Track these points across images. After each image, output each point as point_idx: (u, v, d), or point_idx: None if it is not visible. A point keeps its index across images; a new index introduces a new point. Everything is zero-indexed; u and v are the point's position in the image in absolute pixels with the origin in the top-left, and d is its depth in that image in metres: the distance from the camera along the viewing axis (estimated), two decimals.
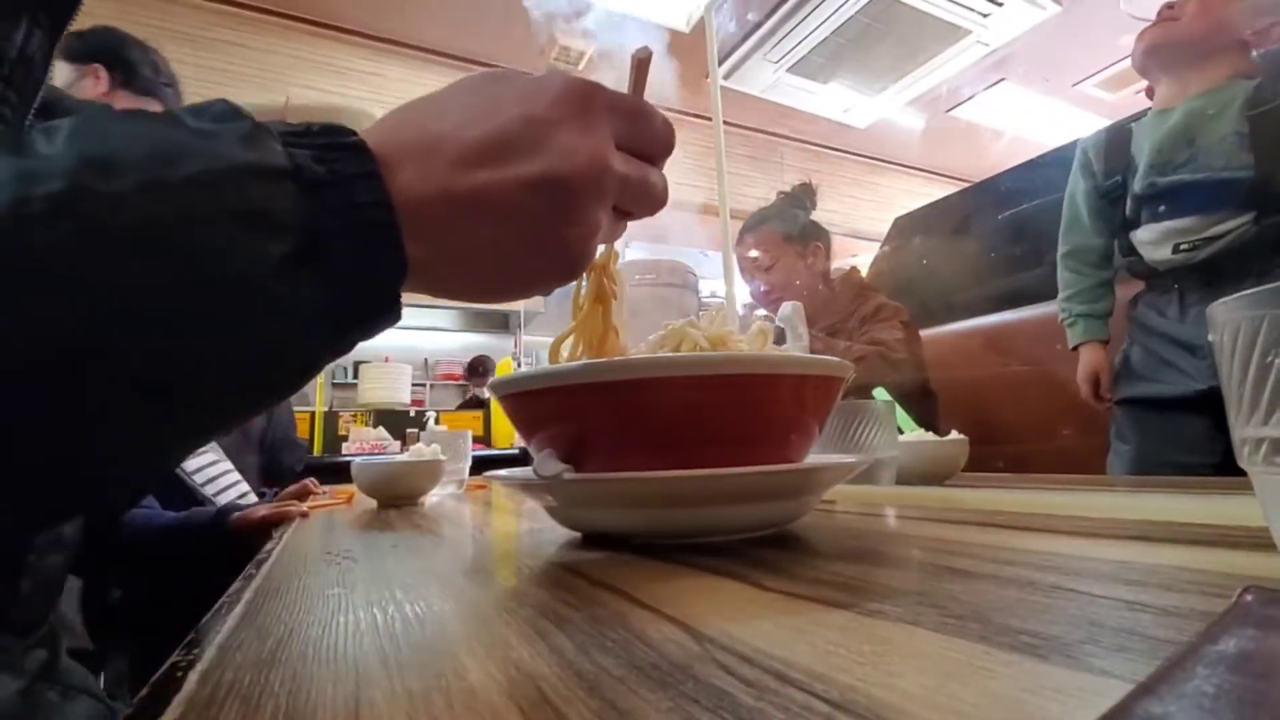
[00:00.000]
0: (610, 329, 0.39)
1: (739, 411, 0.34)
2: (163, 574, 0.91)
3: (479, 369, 3.82)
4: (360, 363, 2.99)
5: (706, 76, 1.25)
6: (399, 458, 0.81)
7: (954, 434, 0.73)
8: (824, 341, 1.16)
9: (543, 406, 0.37)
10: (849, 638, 0.18)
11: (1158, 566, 0.25)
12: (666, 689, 0.15)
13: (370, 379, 2.62)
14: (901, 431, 0.72)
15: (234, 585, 0.33)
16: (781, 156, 4.18)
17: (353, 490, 0.95)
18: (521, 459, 2.19)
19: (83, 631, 0.68)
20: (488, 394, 3.81)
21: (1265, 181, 0.91)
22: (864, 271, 1.68)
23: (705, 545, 0.34)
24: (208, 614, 0.27)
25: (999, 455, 1.14)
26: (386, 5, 3.04)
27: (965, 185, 2.08)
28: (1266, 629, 0.13)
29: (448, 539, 0.48)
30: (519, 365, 3.61)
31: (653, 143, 0.27)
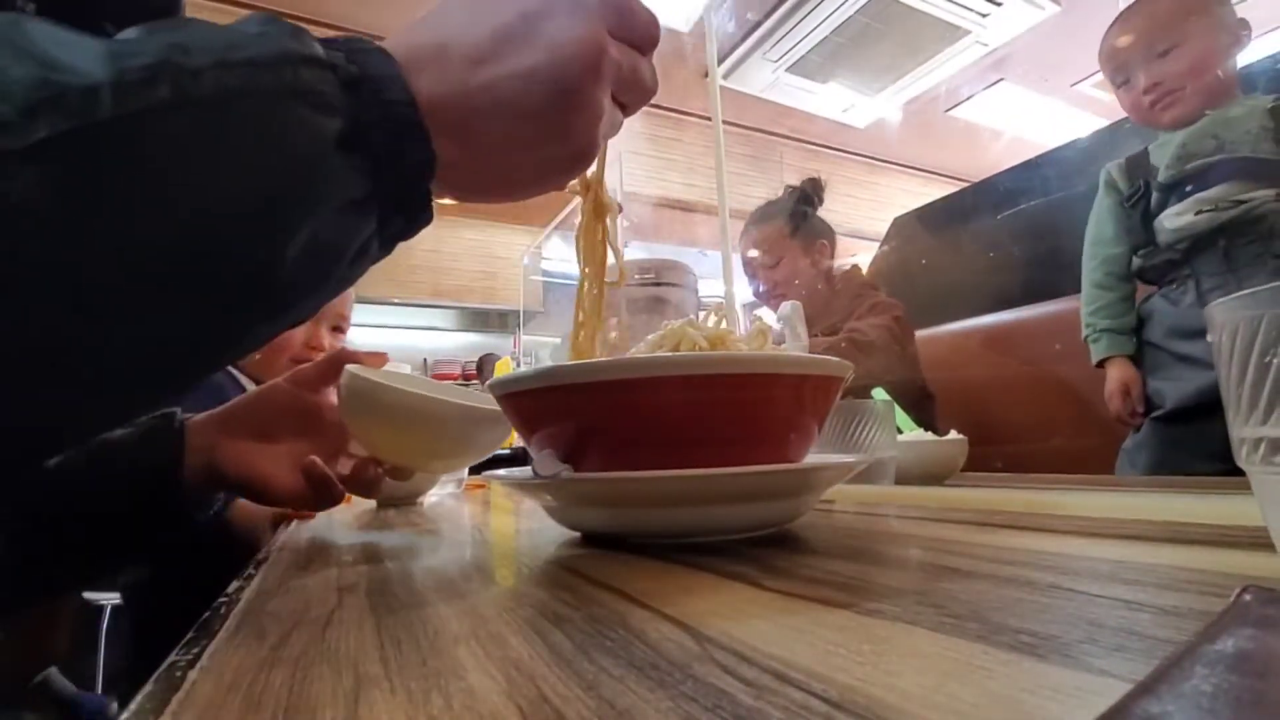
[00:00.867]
0: (608, 249, 0.41)
1: (738, 411, 0.34)
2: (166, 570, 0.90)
3: (485, 368, 3.82)
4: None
5: (706, 76, 1.25)
6: None
7: (953, 434, 0.73)
8: (811, 341, 1.16)
9: (541, 406, 0.37)
10: (848, 637, 0.18)
11: (1156, 566, 0.25)
12: (665, 688, 0.15)
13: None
14: (901, 431, 0.72)
15: (233, 585, 0.33)
16: (781, 156, 4.18)
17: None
18: (520, 459, 2.19)
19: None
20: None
21: None
22: (863, 270, 1.68)
23: (704, 545, 0.34)
24: (207, 612, 0.27)
25: (998, 455, 1.14)
26: (384, 5, 3.04)
27: (964, 185, 2.08)
28: (1265, 628, 0.13)
29: (447, 538, 0.48)
30: (518, 365, 3.61)
31: (640, 33, 0.29)
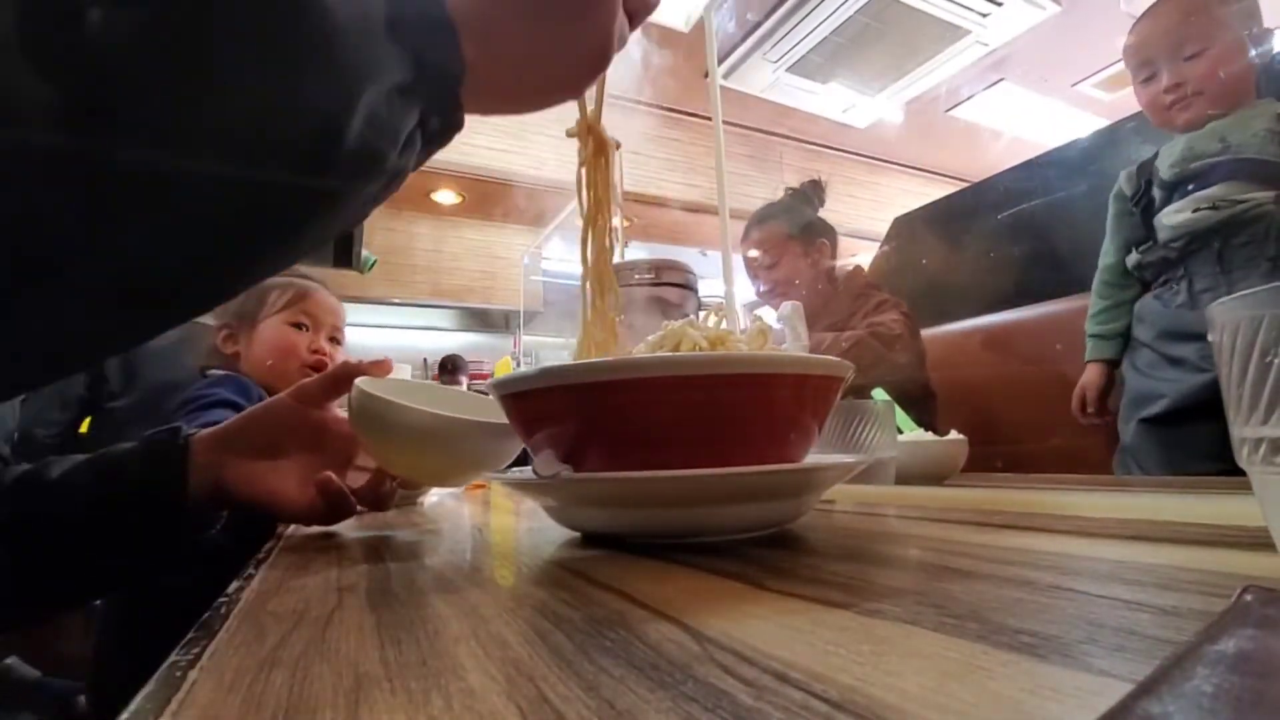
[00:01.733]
0: (611, 185, 0.44)
1: (738, 411, 0.34)
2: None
3: (449, 367, 3.74)
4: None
5: (706, 76, 1.25)
6: None
7: (953, 434, 0.73)
8: (813, 338, 1.15)
9: (542, 406, 0.37)
10: (848, 637, 0.18)
11: (1157, 566, 0.25)
12: (666, 689, 0.15)
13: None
14: (901, 431, 0.72)
15: (233, 585, 0.33)
16: (781, 156, 4.18)
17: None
18: (520, 459, 2.19)
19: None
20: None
21: None
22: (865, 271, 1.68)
23: (704, 545, 0.34)
24: (207, 612, 0.27)
25: (998, 455, 1.13)
26: None
27: (964, 185, 2.08)
28: (1266, 629, 0.13)
29: (447, 538, 0.48)
30: (518, 365, 3.60)
31: None
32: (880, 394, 0.76)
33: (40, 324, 0.19)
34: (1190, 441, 0.96)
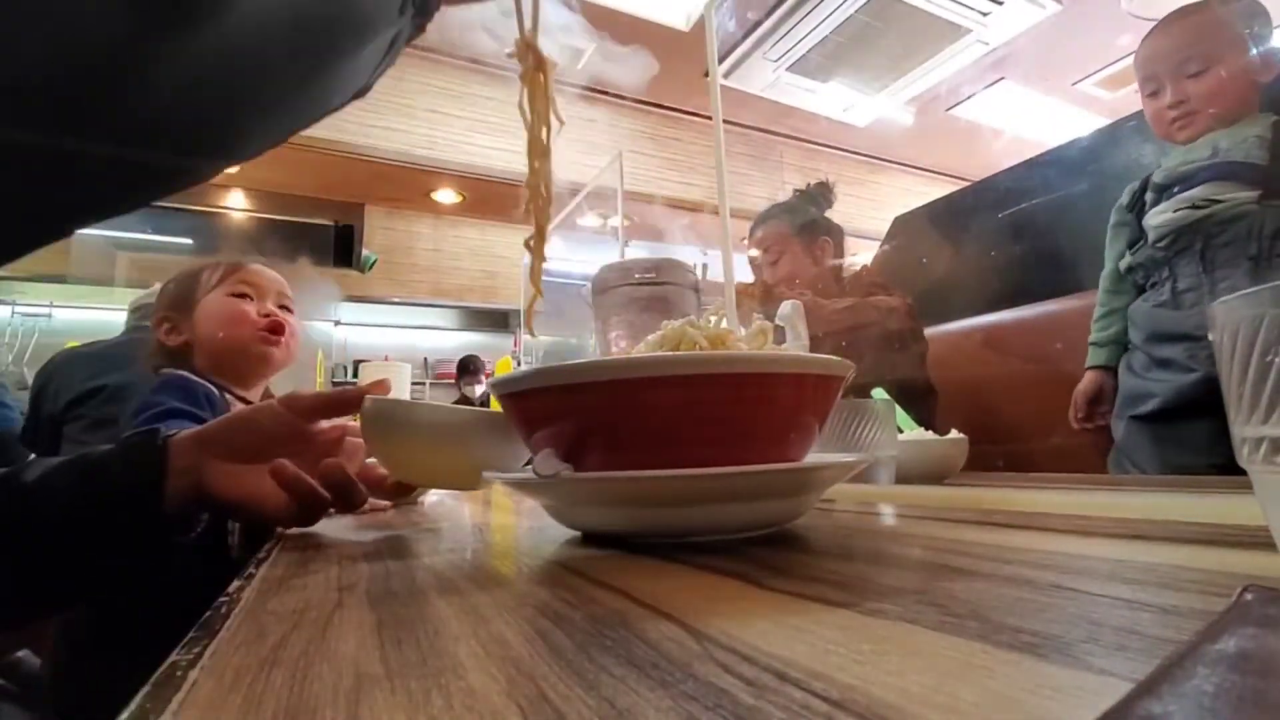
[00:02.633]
0: (551, 100, 0.47)
1: (738, 410, 0.34)
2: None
3: (469, 367, 3.76)
4: (360, 362, 2.99)
5: (706, 75, 1.25)
6: None
7: (953, 433, 0.73)
8: (809, 301, 1.13)
9: (542, 405, 0.37)
10: (848, 636, 0.18)
11: (1157, 565, 0.25)
12: (666, 687, 0.15)
13: (370, 378, 2.62)
14: (901, 431, 0.72)
15: (234, 584, 0.33)
16: (781, 155, 4.18)
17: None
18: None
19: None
20: (479, 392, 3.77)
21: (1276, 167, 0.92)
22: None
23: (704, 544, 0.34)
24: (208, 612, 0.27)
25: (999, 454, 1.14)
26: None
27: (965, 184, 2.08)
28: (1267, 628, 0.13)
29: (447, 538, 0.48)
30: (518, 364, 3.60)
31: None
32: (880, 393, 0.76)
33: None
34: (1182, 437, 0.97)
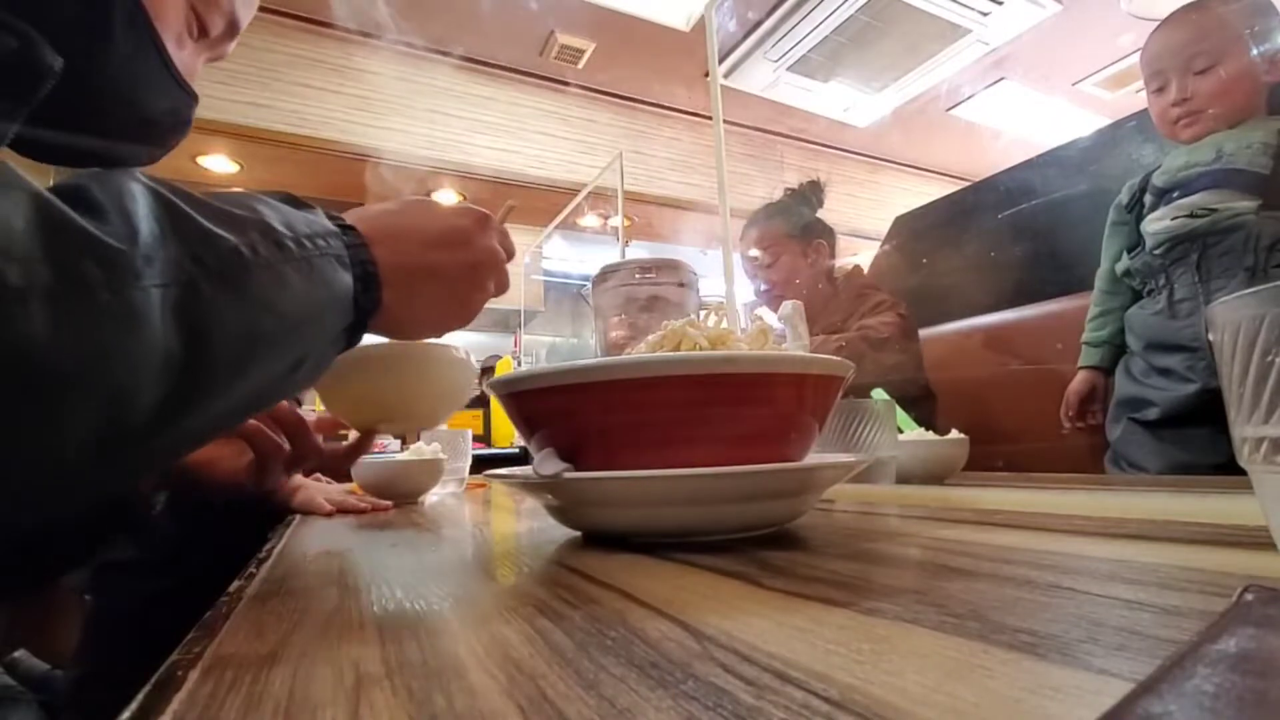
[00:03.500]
0: None
1: (738, 410, 0.34)
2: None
3: (490, 368, 3.77)
4: None
5: (706, 75, 1.25)
6: (399, 456, 0.81)
7: (954, 433, 0.73)
8: (814, 340, 1.15)
9: (542, 405, 0.37)
10: (848, 636, 0.18)
11: (1157, 565, 0.25)
12: (666, 687, 0.15)
13: None
14: (901, 431, 0.72)
15: (235, 584, 0.33)
16: (781, 155, 4.18)
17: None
18: (521, 458, 2.19)
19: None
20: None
21: (1271, 180, 0.91)
22: (864, 270, 1.68)
23: (705, 544, 0.34)
24: (208, 612, 0.27)
25: (999, 455, 1.13)
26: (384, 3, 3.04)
27: (965, 184, 2.08)
28: (1267, 628, 0.13)
29: (447, 538, 0.48)
30: (519, 364, 3.60)
31: (511, 250, 0.45)
32: (880, 394, 0.76)
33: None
34: (1181, 438, 0.97)
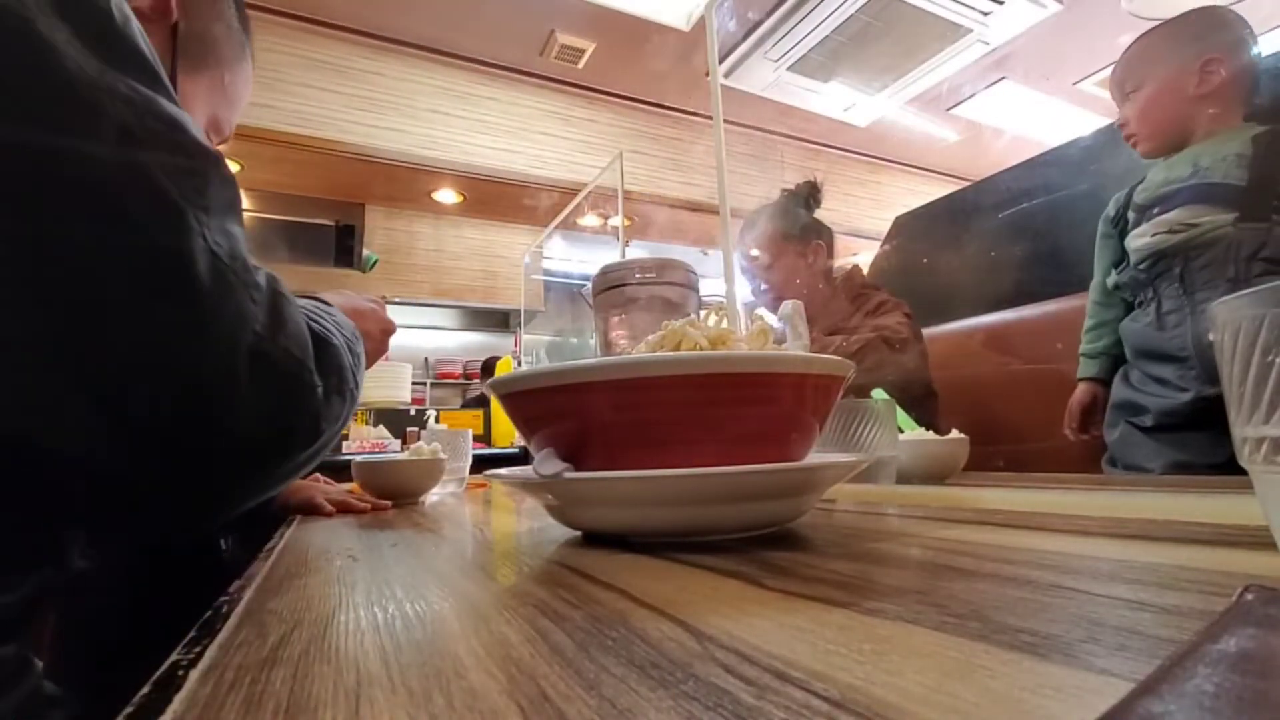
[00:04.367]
0: None
1: (739, 411, 0.34)
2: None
3: (492, 368, 3.77)
4: None
5: (707, 75, 1.25)
6: (399, 456, 0.81)
7: (954, 433, 0.73)
8: (819, 341, 1.15)
9: (543, 405, 0.37)
10: (849, 636, 0.18)
11: (1158, 565, 0.25)
12: (667, 687, 0.15)
13: (371, 378, 2.60)
14: (902, 431, 0.72)
15: (235, 584, 0.33)
16: (782, 155, 4.18)
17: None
18: (522, 458, 2.19)
19: None
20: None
21: (1254, 189, 0.92)
22: (864, 270, 1.68)
23: (705, 544, 0.34)
24: (208, 612, 0.27)
25: (999, 455, 1.14)
26: (385, 3, 3.04)
27: (965, 184, 2.08)
28: (1267, 628, 0.13)
29: (448, 538, 0.48)
30: (519, 364, 3.60)
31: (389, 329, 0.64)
32: (880, 394, 0.76)
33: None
34: (1178, 443, 0.97)
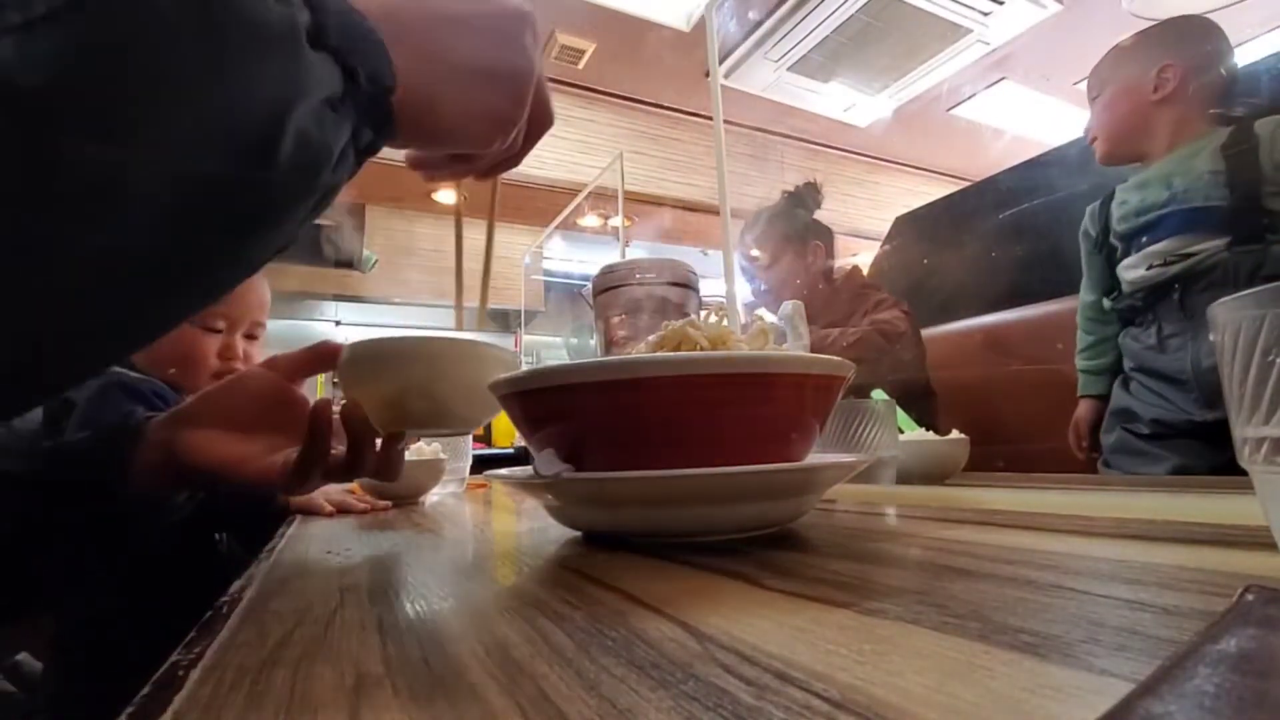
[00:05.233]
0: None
1: (739, 411, 0.34)
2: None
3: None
4: None
5: (707, 75, 1.25)
6: None
7: (955, 433, 0.73)
8: (816, 334, 1.15)
9: (543, 405, 0.37)
10: (849, 637, 0.18)
11: (1158, 565, 0.25)
12: (667, 688, 0.15)
13: None
14: (902, 431, 0.72)
15: (235, 584, 0.33)
16: (782, 155, 4.18)
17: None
18: (522, 458, 2.19)
19: None
20: None
21: (1240, 210, 0.92)
22: (864, 270, 1.68)
23: (705, 544, 0.34)
24: (208, 612, 0.27)
25: (999, 455, 1.13)
26: None
27: (965, 184, 2.07)
28: (1267, 628, 0.13)
29: (448, 538, 0.48)
30: (519, 364, 3.60)
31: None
32: (880, 394, 0.76)
33: None
34: (1174, 449, 0.97)
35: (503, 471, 0.44)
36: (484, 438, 2.49)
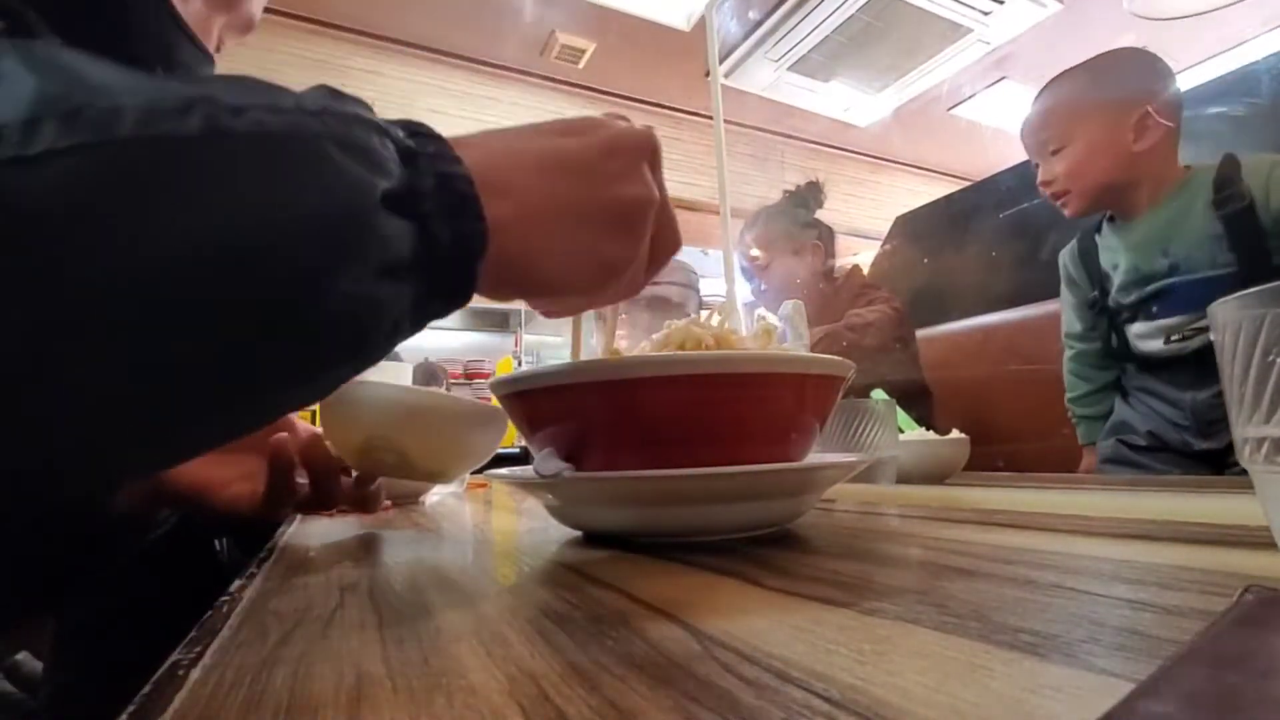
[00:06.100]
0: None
1: (739, 410, 0.34)
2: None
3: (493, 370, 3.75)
4: None
5: (707, 75, 1.25)
6: None
7: (954, 433, 0.73)
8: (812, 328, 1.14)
9: (543, 405, 0.37)
10: (849, 636, 0.18)
11: (1158, 565, 0.25)
12: (667, 687, 0.15)
13: (372, 378, 2.60)
14: (902, 431, 0.72)
15: (235, 584, 0.33)
16: (782, 155, 4.18)
17: None
18: (521, 458, 2.19)
19: None
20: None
21: (1251, 278, 0.89)
22: (865, 270, 1.68)
23: (705, 544, 0.34)
24: (208, 612, 0.27)
25: (999, 455, 1.13)
26: (385, 3, 3.04)
27: (966, 184, 2.08)
28: (1267, 628, 0.13)
29: (448, 538, 0.48)
30: (519, 364, 3.60)
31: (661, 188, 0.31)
32: (880, 394, 0.76)
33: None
34: (1170, 460, 0.97)
35: (503, 471, 0.44)
36: None
